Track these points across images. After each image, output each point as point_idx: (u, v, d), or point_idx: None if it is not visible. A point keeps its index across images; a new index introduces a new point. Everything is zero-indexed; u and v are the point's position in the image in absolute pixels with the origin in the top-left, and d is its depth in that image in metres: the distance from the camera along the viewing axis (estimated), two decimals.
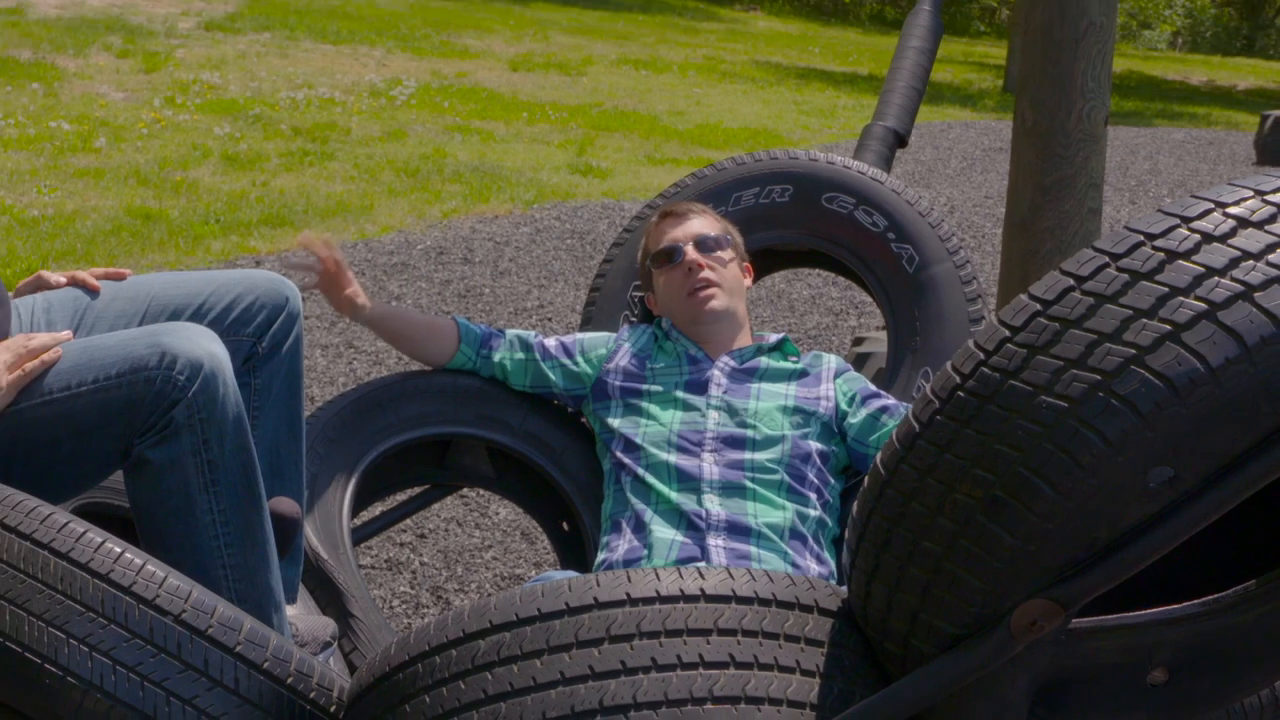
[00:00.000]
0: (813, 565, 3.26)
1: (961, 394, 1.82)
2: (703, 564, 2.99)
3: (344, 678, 2.29)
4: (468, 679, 1.96)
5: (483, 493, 5.28)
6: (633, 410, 3.54)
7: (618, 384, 3.60)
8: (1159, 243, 1.75)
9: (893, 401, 3.53)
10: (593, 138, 13.74)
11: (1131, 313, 1.71)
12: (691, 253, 3.66)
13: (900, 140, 5.00)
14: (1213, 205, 1.77)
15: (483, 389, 3.75)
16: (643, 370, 3.61)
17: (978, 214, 11.17)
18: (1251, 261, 1.69)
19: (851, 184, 4.10)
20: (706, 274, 3.64)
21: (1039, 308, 1.80)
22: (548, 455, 3.75)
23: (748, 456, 3.38)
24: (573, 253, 9.14)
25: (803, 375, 3.59)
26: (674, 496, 3.33)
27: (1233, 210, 1.76)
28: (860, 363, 5.69)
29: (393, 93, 15.09)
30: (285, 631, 2.88)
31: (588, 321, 4.13)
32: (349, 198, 10.20)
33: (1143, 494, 1.71)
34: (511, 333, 3.77)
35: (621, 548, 3.31)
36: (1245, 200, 1.76)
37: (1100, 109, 5.05)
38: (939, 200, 11.66)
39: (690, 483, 3.35)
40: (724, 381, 3.54)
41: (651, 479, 3.38)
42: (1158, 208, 1.81)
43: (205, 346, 2.69)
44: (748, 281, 3.78)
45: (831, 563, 3.32)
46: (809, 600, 2.02)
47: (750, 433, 3.43)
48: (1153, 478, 1.70)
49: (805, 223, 4.13)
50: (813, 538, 3.31)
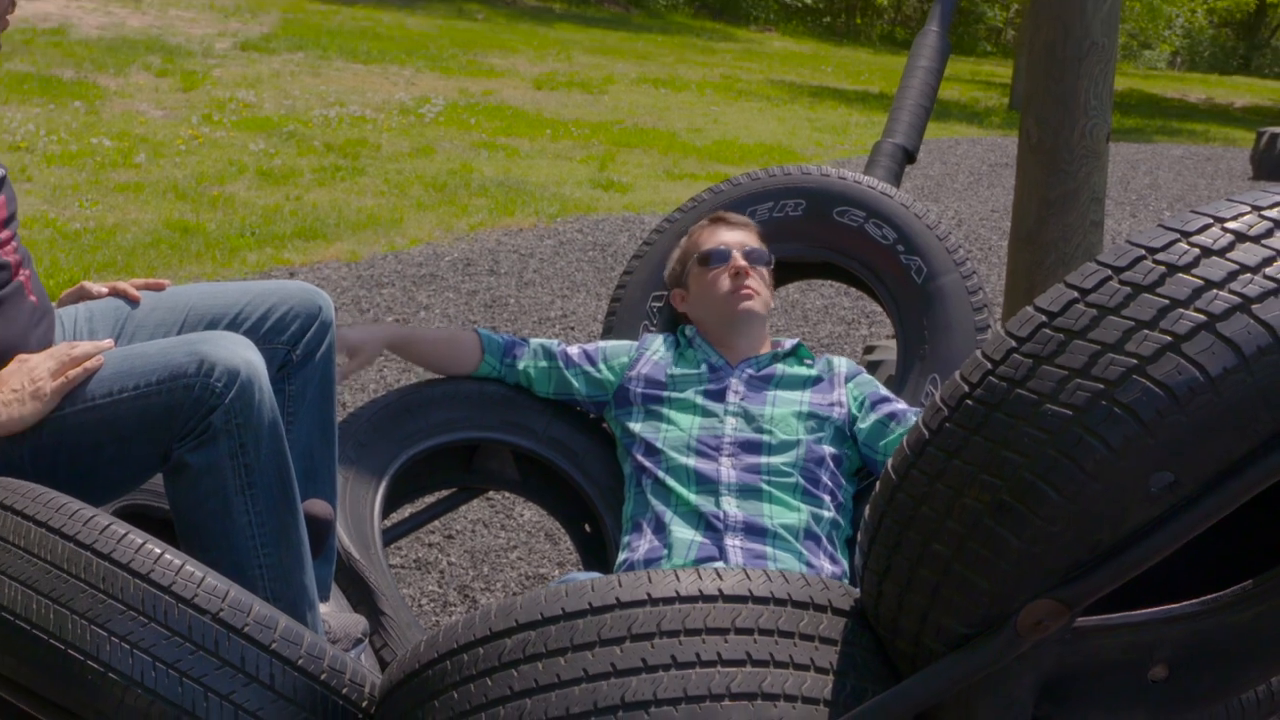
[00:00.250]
0: (826, 565, 3.26)
1: (970, 402, 1.82)
2: (720, 565, 2.99)
3: (375, 673, 2.29)
4: (495, 675, 1.96)
5: (508, 495, 5.28)
6: (654, 415, 3.55)
7: (640, 390, 3.61)
8: (1160, 256, 1.75)
9: (900, 406, 3.53)
10: (614, 154, 13.75)
11: (1133, 324, 1.71)
12: (740, 258, 3.70)
13: (909, 156, 5.00)
14: (1211, 220, 1.77)
15: (508, 396, 3.76)
16: (664, 377, 3.62)
17: (984, 227, 11.16)
18: (1249, 275, 1.69)
19: (862, 198, 4.10)
20: (751, 281, 3.68)
21: (1044, 319, 1.80)
22: (570, 459, 3.75)
23: (764, 460, 3.39)
24: (594, 264, 9.14)
25: (817, 382, 3.60)
26: (693, 498, 3.33)
27: (1230, 225, 1.75)
28: (871, 369, 5.68)
29: (421, 110, 15.11)
30: (319, 629, 2.88)
31: (609, 330, 4.13)
32: (379, 211, 10.21)
33: (1144, 498, 1.71)
34: (535, 342, 3.78)
35: (642, 548, 3.31)
36: (1243, 215, 1.76)
37: (1102, 126, 5.05)
38: (946, 214, 11.65)
39: (708, 485, 3.35)
40: (741, 389, 3.55)
41: (671, 482, 3.38)
42: (1158, 222, 1.81)
43: (242, 354, 2.69)
44: (773, 304, 3.81)
45: (845, 562, 3.32)
46: (823, 600, 2.02)
47: (766, 438, 3.43)
48: (1154, 483, 1.70)
49: (818, 235, 4.13)
50: (826, 538, 3.31)
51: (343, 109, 14.57)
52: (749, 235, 3.82)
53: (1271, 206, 1.77)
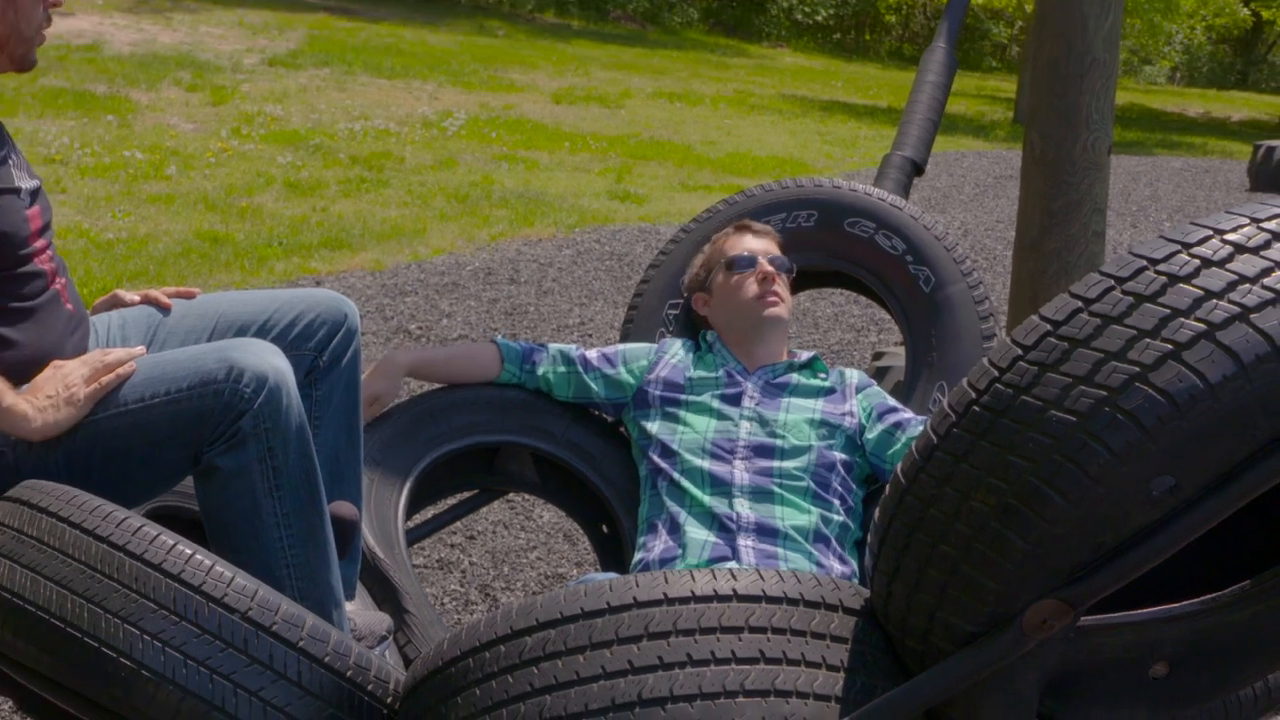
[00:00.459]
0: (836, 565, 3.26)
1: (977, 408, 1.82)
2: (734, 565, 2.99)
3: (399, 670, 2.29)
4: (516, 673, 1.97)
5: (528, 497, 5.28)
6: (671, 418, 3.56)
7: (658, 393, 3.62)
8: (1161, 267, 1.75)
9: (906, 415, 3.53)
10: (630, 166, 13.75)
11: (1135, 333, 1.71)
12: (766, 264, 3.72)
13: (917, 169, 5.00)
14: (1211, 232, 1.77)
15: (528, 400, 3.76)
16: (682, 380, 3.63)
17: (989, 237, 11.15)
18: (1248, 285, 1.69)
19: (872, 209, 4.10)
20: (778, 287, 3.70)
21: (1049, 328, 1.80)
22: (588, 462, 3.76)
23: (776, 464, 3.39)
24: (612, 273, 9.14)
25: (830, 392, 3.61)
26: (707, 500, 3.33)
27: (1230, 236, 1.76)
28: (880, 376, 5.68)
29: (444, 124, 15.13)
30: (344, 627, 2.88)
31: (625, 337, 4.13)
32: (403, 222, 10.22)
33: (1146, 501, 1.71)
34: (554, 348, 3.78)
35: (658, 548, 3.31)
36: (1242, 227, 1.77)
37: (1104, 139, 5.05)
38: (953, 224, 11.65)
39: (722, 487, 3.35)
40: (757, 395, 3.56)
41: (686, 483, 3.38)
42: (1159, 234, 1.81)
43: (270, 361, 2.69)
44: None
45: (854, 563, 3.32)
46: (834, 600, 2.02)
47: (779, 442, 3.43)
48: (1155, 486, 1.70)
49: (829, 246, 4.13)
50: (836, 540, 3.31)
51: (367, 123, 14.58)
52: (772, 244, 3.85)
53: (1269, 218, 1.77)
